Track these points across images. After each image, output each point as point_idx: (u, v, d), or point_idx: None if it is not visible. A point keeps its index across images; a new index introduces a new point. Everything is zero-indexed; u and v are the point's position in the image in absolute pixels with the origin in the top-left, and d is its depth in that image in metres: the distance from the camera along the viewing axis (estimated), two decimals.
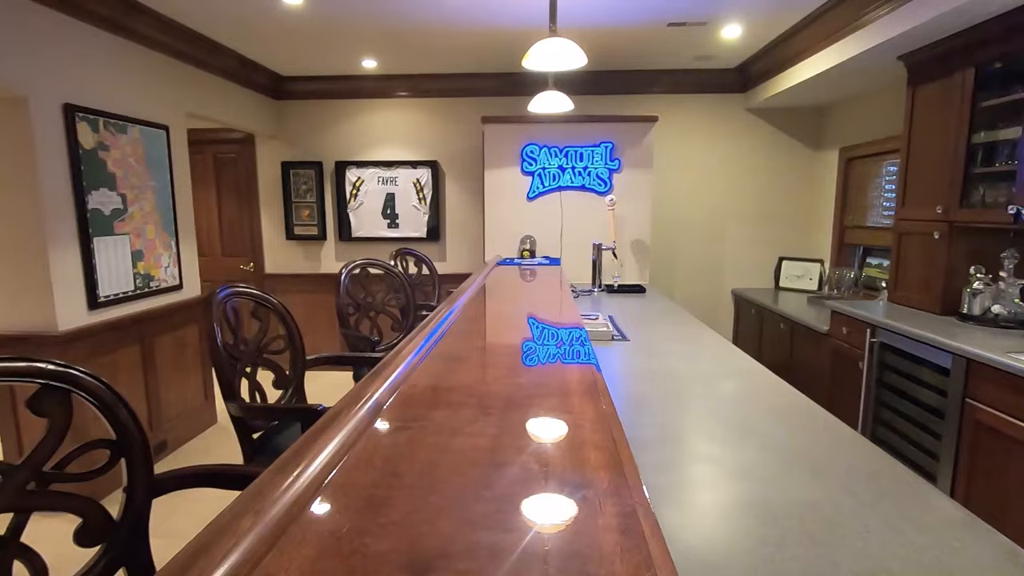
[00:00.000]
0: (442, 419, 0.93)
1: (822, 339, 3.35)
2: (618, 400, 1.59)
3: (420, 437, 0.84)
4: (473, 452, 0.79)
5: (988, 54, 2.53)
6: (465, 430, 0.88)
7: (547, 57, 1.92)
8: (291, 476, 0.69)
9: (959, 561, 0.83)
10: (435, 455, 0.78)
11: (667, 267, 4.88)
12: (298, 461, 0.73)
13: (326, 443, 0.80)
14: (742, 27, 3.50)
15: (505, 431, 0.85)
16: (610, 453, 0.78)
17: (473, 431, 0.86)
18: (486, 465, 0.75)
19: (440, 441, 0.83)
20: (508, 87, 4.58)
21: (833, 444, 1.28)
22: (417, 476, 0.73)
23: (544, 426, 0.88)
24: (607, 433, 0.84)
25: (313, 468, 0.73)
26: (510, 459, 0.76)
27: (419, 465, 0.76)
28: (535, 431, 0.86)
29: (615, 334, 2.30)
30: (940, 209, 2.77)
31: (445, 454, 0.79)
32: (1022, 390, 1.94)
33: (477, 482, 0.71)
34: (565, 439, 0.82)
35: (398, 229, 4.93)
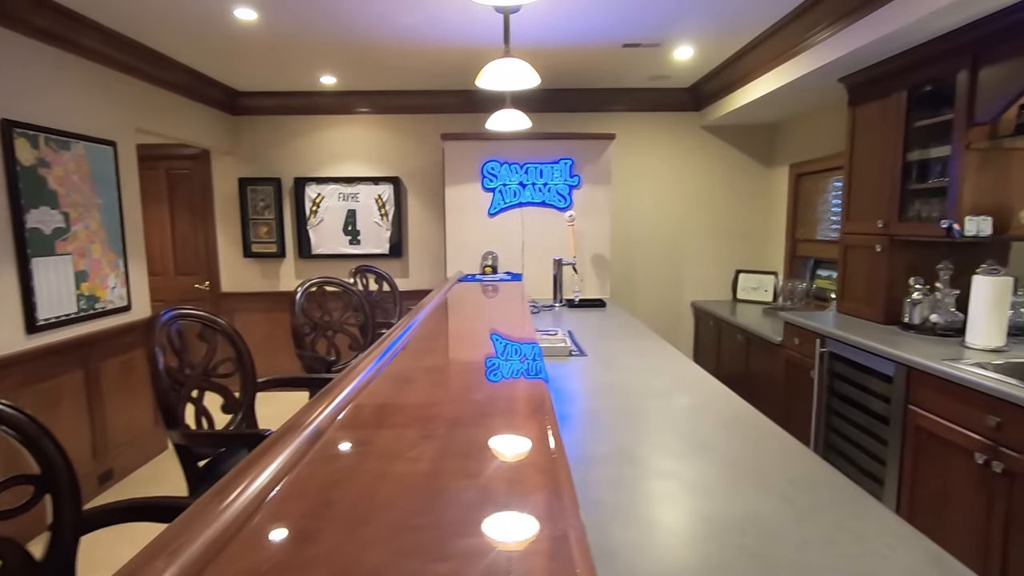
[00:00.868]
0: (384, 443, 0.92)
1: (776, 349, 3.44)
2: (574, 416, 1.60)
3: (359, 463, 0.83)
4: (412, 478, 0.78)
5: (919, 77, 2.68)
6: (407, 454, 0.86)
7: (500, 77, 1.95)
8: (215, 512, 0.67)
9: (888, 569, 0.86)
10: (373, 482, 0.77)
11: (628, 281, 4.95)
12: (224, 495, 0.71)
13: (258, 474, 0.77)
14: (693, 49, 3.62)
15: (447, 454, 0.84)
16: (549, 474, 0.77)
17: (415, 455, 0.85)
18: (424, 491, 0.74)
19: (379, 467, 0.81)
20: (468, 104, 4.61)
21: (778, 455, 1.31)
22: (351, 505, 0.71)
23: (486, 448, 0.87)
24: (548, 453, 0.84)
25: (241, 502, 0.70)
26: (449, 484, 0.75)
27: (355, 493, 0.74)
28: (477, 453, 0.85)
29: (573, 349, 2.32)
30: (881, 223, 2.90)
31: (383, 480, 0.77)
32: (956, 395, 2.03)
33: (413, 509, 0.69)
34: (506, 461, 0.82)
35: (360, 246, 4.87)
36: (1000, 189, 2.43)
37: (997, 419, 1.86)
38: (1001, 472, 1.84)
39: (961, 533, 2.02)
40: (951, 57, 2.48)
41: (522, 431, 0.94)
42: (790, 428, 3.26)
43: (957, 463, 2.04)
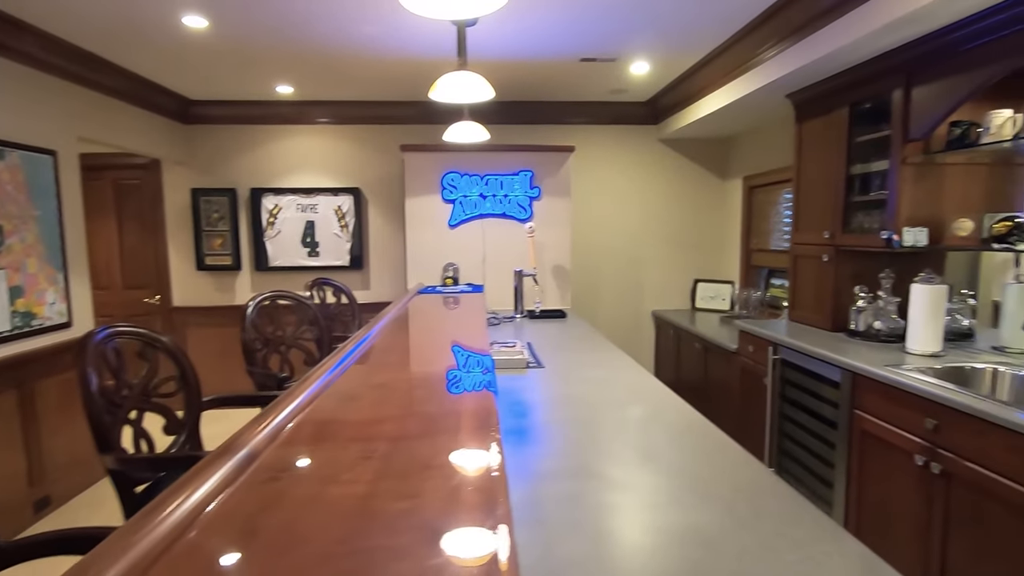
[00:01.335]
0: (320, 465, 0.89)
1: (732, 357, 3.52)
2: (527, 429, 1.59)
3: (290, 488, 0.80)
4: (345, 501, 0.75)
5: (860, 95, 2.81)
6: (342, 477, 0.84)
7: (454, 90, 1.95)
8: (129, 544, 0.63)
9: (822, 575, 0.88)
10: (303, 507, 0.74)
11: (590, 291, 5.00)
12: (142, 525, 0.67)
13: (181, 502, 0.74)
14: (649, 64, 3.70)
15: (385, 475, 0.82)
16: (487, 494, 0.76)
17: (351, 477, 0.83)
18: (356, 516, 0.71)
19: (311, 491, 0.79)
20: (428, 115, 4.59)
21: (723, 464, 1.33)
22: (276, 534, 0.68)
23: (426, 468, 0.85)
24: (489, 472, 0.83)
25: (159, 532, 0.67)
26: (383, 507, 0.73)
27: (283, 520, 0.71)
28: (416, 474, 0.83)
29: (531, 361, 2.32)
30: (827, 234, 3.01)
31: (314, 506, 0.75)
32: (897, 400, 2.11)
33: (342, 537, 0.67)
34: (444, 481, 0.80)
35: (319, 257, 4.78)
36: (934, 202, 2.56)
37: (935, 422, 1.94)
38: (939, 473, 1.92)
39: (904, 533, 2.09)
40: (887, 76, 2.60)
41: (466, 448, 0.93)
42: (746, 434, 3.34)
43: (899, 465, 2.11)
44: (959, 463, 1.84)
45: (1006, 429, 1.66)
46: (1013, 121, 2.16)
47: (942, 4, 2.00)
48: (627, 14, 2.85)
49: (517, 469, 1.32)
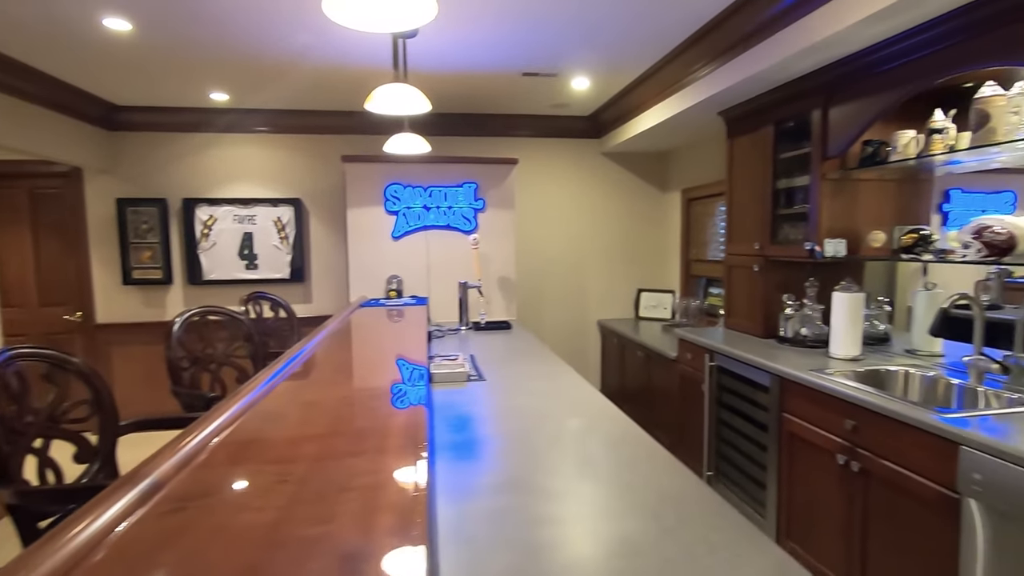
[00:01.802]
0: (231, 492, 0.85)
1: (672, 365, 3.62)
2: (463, 443, 1.58)
3: (197, 517, 0.75)
4: (253, 530, 0.72)
5: (783, 114, 2.97)
6: (253, 504, 0.81)
7: (390, 102, 1.93)
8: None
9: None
10: (208, 538, 0.70)
11: (536, 302, 5.04)
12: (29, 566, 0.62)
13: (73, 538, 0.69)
14: (589, 80, 3.79)
15: (299, 500, 0.79)
16: (404, 516, 0.75)
17: (262, 504, 0.79)
18: (264, 546, 0.68)
19: (219, 520, 0.75)
20: (370, 126, 4.53)
21: (653, 473, 1.36)
22: (176, 567, 0.65)
23: (343, 489, 0.83)
24: (411, 491, 0.82)
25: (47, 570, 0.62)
26: (294, 534, 0.70)
27: (184, 553, 0.67)
28: (333, 496, 0.81)
29: (472, 374, 2.30)
30: (757, 245, 3.15)
31: (220, 536, 0.71)
32: (819, 402, 2.22)
33: (245, 568, 0.64)
34: (362, 503, 0.78)
35: (258, 270, 4.61)
36: (851, 215, 2.73)
37: (853, 422, 2.05)
38: (858, 471, 2.03)
39: (830, 529, 2.20)
40: (808, 97, 2.77)
41: (386, 468, 0.91)
42: (687, 439, 3.43)
43: (823, 465, 2.22)
44: (875, 461, 1.95)
45: (915, 428, 1.78)
46: (916, 141, 2.34)
47: (852, 31, 2.15)
48: (565, 31, 2.91)
49: (451, 485, 1.31)
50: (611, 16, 2.72)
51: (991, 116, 1.98)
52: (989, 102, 1.98)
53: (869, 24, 2.06)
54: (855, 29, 2.11)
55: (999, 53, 1.87)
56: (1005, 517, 1.51)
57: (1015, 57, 1.82)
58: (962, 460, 1.62)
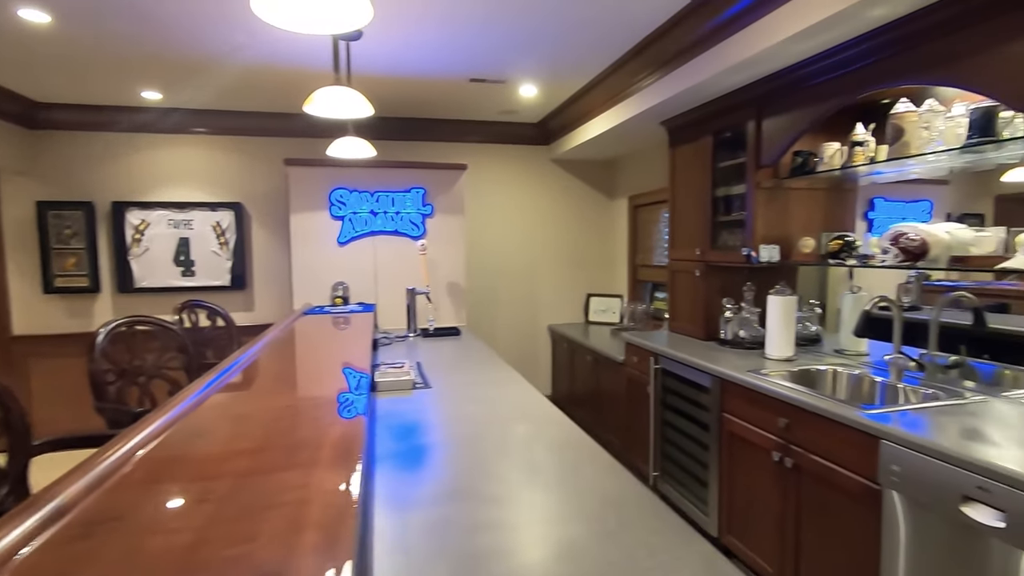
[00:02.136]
0: (146, 513, 0.80)
1: (619, 368, 3.69)
2: (407, 452, 1.55)
3: (105, 542, 0.71)
4: (167, 554, 0.68)
5: (721, 125, 3.09)
6: (169, 525, 0.76)
7: (330, 105, 1.89)
8: None
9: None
10: (117, 564, 0.66)
11: (486, 308, 5.04)
12: None
13: None
14: (537, 88, 3.84)
15: (219, 520, 0.76)
16: (331, 531, 0.73)
17: (178, 525, 0.75)
18: (177, 570, 0.65)
19: (130, 544, 0.70)
20: (314, 128, 4.42)
21: (595, 476, 1.38)
22: None
23: (268, 507, 0.80)
24: (339, 508, 0.79)
25: None
26: (212, 556, 0.67)
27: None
28: (258, 515, 0.77)
29: (418, 382, 2.27)
30: (698, 251, 3.26)
31: (130, 561, 0.67)
32: (756, 402, 2.31)
33: None
34: (287, 521, 0.75)
35: (195, 277, 4.41)
36: (784, 222, 2.86)
37: (787, 420, 2.14)
38: (791, 467, 2.12)
39: (767, 524, 2.28)
40: (743, 109, 2.89)
41: (316, 484, 0.88)
42: (634, 441, 3.50)
43: (760, 462, 2.31)
44: (807, 457, 2.05)
45: (841, 424, 1.88)
46: (840, 152, 2.48)
47: (780, 48, 2.26)
48: (509, 38, 2.93)
49: (391, 495, 1.28)
50: (554, 25, 2.76)
51: (905, 131, 2.12)
52: (903, 118, 2.12)
53: (795, 42, 2.18)
54: (783, 46, 2.22)
55: (909, 72, 2.01)
56: (922, 506, 1.61)
57: (923, 76, 1.96)
58: (882, 453, 1.71)
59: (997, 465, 1.39)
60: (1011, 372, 2.10)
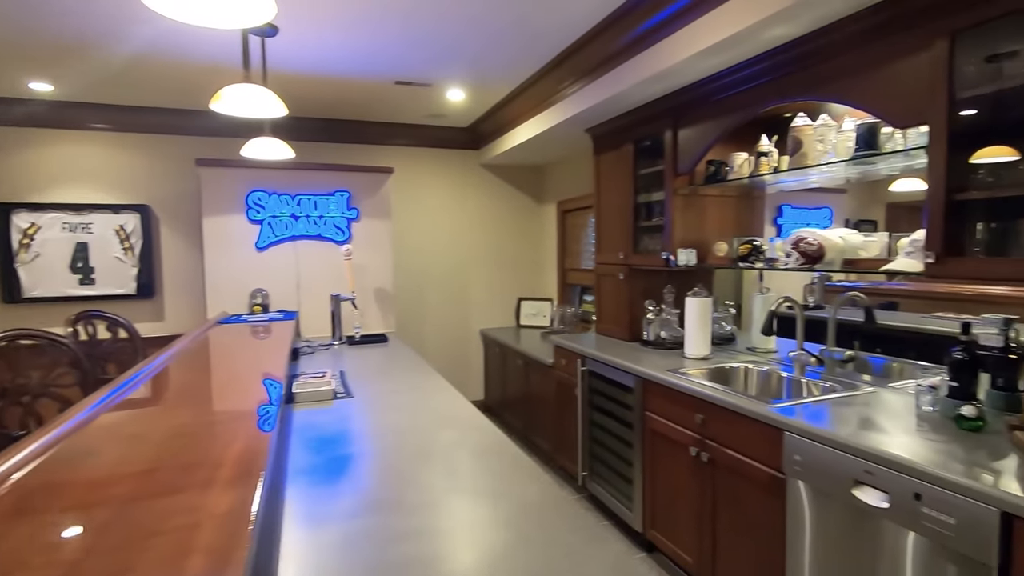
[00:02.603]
0: (9, 547, 0.72)
1: (548, 371, 3.74)
2: (324, 464, 1.49)
3: None
4: None
5: (641, 133, 3.20)
6: (34, 561, 0.69)
7: (239, 103, 1.79)
8: None
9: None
10: None
11: (417, 314, 4.97)
12: None
13: None
14: (464, 92, 3.83)
15: (94, 551, 0.69)
16: (222, 556, 0.68)
17: (46, 560, 0.68)
18: None
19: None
20: (229, 127, 4.20)
21: (516, 481, 1.38)
22: None
23: (151, 534, 0.74)
24: (232, 530, 0.75)
25: None
26: None
27: None
28: (135, 543, 0.71)
29: (340, 391, 2.20)
30: (621, 255, 3.36)
31: None
32: (674, 399, 2.41)
33: None
34: (172, 548, 0.70)
35: (94, 286, 4.06)
36: (699, 227, 3.01)
37: (702, 417, 2.24)
38: (707, 461, 2.22)
39: (687, 516, 2.38)
40: (660, 119, 3.01)
41: (209, 506, 0.83)
42: (564, 442, 3.55)
43: (679, 457, 2.40)
44: (721, 451, 2.15)
45: (750, 418, 1.99)
46: (748, 162, 2.63)
47: (690, 62, 2.37)
48: (434, 43, 2.91)
49: (304, 512, 1.23)
50: (477, 31, 2.77)
51: (803, 143, 2.28)
52: (801, 131, 2.29)
53: (704, 57, 2.30)
54: (693, 60, 2.34)
55: (804, 89, 2.17)
56: (822, 492, 1.72)
57: (816, 93, 2.13)
58: (786, 444, 1.83)
59: (880, 450, 1.52)
60: (898, 364, 2.30)
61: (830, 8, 1.86)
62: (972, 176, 1.65)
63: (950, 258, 1.65)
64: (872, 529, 1.56)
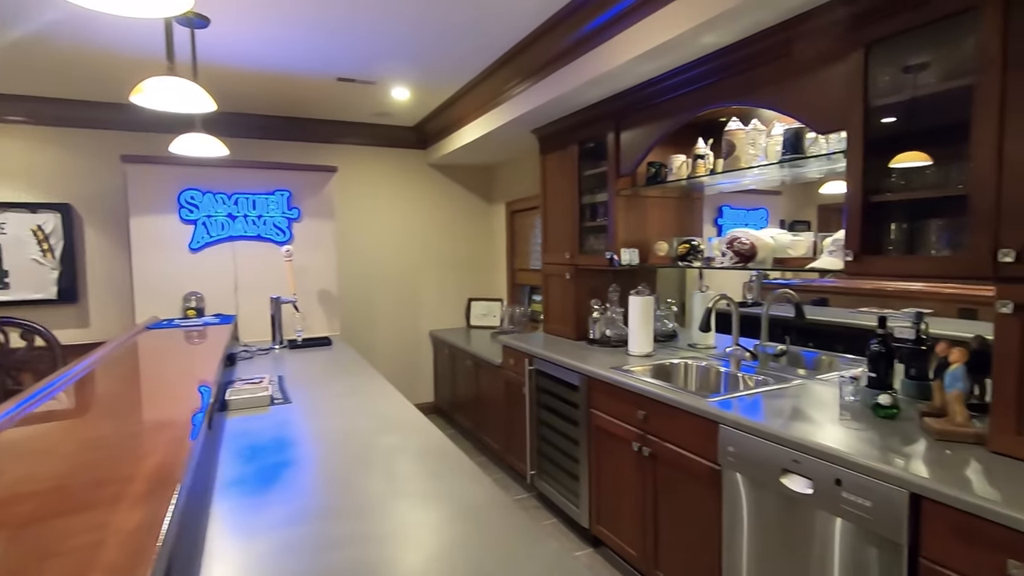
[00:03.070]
0: None
1: (497, 371, 3.74)
2: (257, 473, 1.43)
3: None
4: None
5: (585, 135, 3.25)
6: None
7: (163, 96, 1.70)
8: None
9: None
10: None
11: (365, 316, 4.87)
12: None
13: None
14: (409, 91, 3.78)
15: None
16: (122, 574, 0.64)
17: None
18: None
19: None
20: (158, 122, 3.98)
21: (456, 483, 1.37)
22: None
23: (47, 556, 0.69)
24: (138, 548, 0.70)
25: None
26: None
27: None
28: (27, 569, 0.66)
29: (277, 397, 2.13)
30: (568, 255, 3.40)
31: None
32: (618, 396, 2.46)
33: None
34: (68, 571, 0.65)
35: (8, 290, 3.77)
36: (641, 227, 3.08)
37: (644, 412, 2.29)
38: (649, 456, 2.27)
39: (631, 510, 2.43)
40: (603, 121, 3.06)
41: (121, 520, 0.78)
42: (513, 442, 3.56)
43: (622, 453, 2.45)
44: (661, 445, 2.21)
45: (689, 412, 2.05)
46: (686, 164, 2.71)
47: (628, 67, 2.42)
48: (376, 40, 2.86)
49: (234, 523, 1.17)
50: (420, 29, 2.74)
51: (736, 146, 2.37)
52: (734, 135, 2.38)
53: (642, 61, 2.35)
54: (632, 64, 2.39)
55: (735, 95, 2.26)
56: (755, 482, 1.79)
57: (746, 99, 2.21)
58: (721, 437, 1.89)
59: (804, 439, 1.60)
60: (827, 357, 2.42)
61: (757, 18, 1.94)
62: (887, 179, 1.75)
63: (867, 256, 1.75)
64: (803, 517, 1.64)
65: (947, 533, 1.27)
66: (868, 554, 1.45)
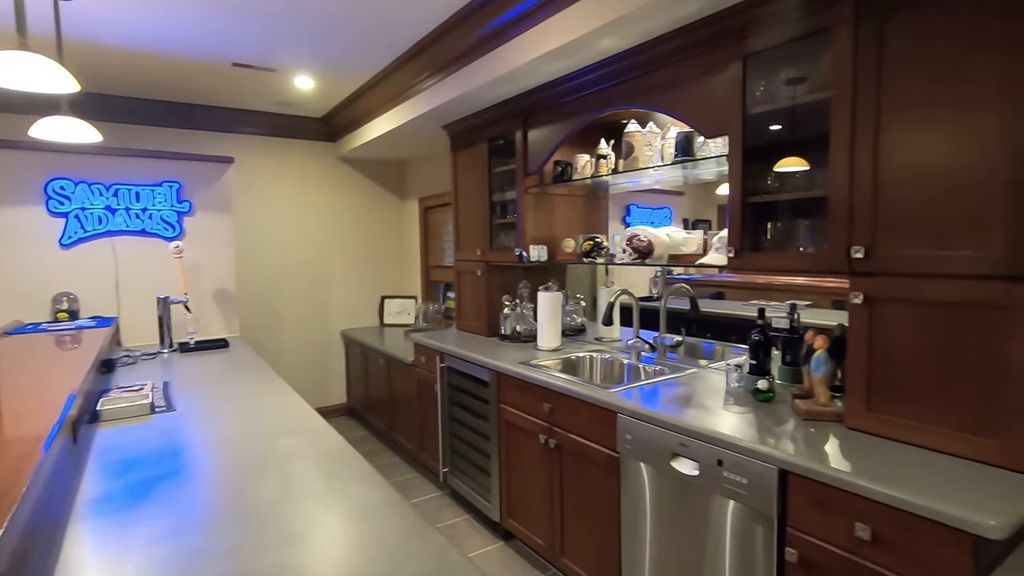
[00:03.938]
0: None
1: (410, 369, 3.68)
2: (129, 489, 1.32)
3: None
4: None
5: (494, 132, 3.26)
6: None
7: (12, 73, 1.51)
8: None
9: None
10: None
11: (270, 316, 4.62)
12: None
13: None
14: (314, 81, 3.62)
15: None
16: None
17: None
18: None
19: None
20: (19, 103, 3.56)
21: (351, 485, 1.33)
22: None
23: None
24: None
25: None
26: None
27: None
28: None
29: (160, 405, 1.97)
30: (479, 252, 3.41)
31: None
32: (525, 390, 2.50)
33: None
34: None
35: None
36: (549, 225, 3.14)
37: (550, 405, 2.35)
38: (554, 447, 2.33)
39: (539, 500, 2.48)
40: (511, 119, 3.09)
41: None
42: (426, 440, 3.52)
43: (530, 446, 2.50)
44: (566, 436, 2.27)
45: (590, 403, 2.12)
46: (590, 163, 2.80)
47: (534, 65, 2.46)
48: (271, 25, 2.71)
49: (99, 543, 1.07)
50: (317, 14, 2.63)
51: (634, 147, 2.48)
52: (632, 136, 2.48)
53: (545, 62, 2.40)
54: (536, 64, 2.43)
55: (631, 98, 2.36)
56: (652, 468, 1.89)
57: (641, 103, 2.32)
58: (619, 426, 1.98)
59: (689, 424, 1.70)
60: (720, 347, 2.59)
61: (651, 24, 2.03)
62: (764, 182, 1.90)
63: (747, 252, 1.89)
64: (697, 499, 1.74)
65: (808, 503, 1.41)
66: (754, 531, 1.57)
